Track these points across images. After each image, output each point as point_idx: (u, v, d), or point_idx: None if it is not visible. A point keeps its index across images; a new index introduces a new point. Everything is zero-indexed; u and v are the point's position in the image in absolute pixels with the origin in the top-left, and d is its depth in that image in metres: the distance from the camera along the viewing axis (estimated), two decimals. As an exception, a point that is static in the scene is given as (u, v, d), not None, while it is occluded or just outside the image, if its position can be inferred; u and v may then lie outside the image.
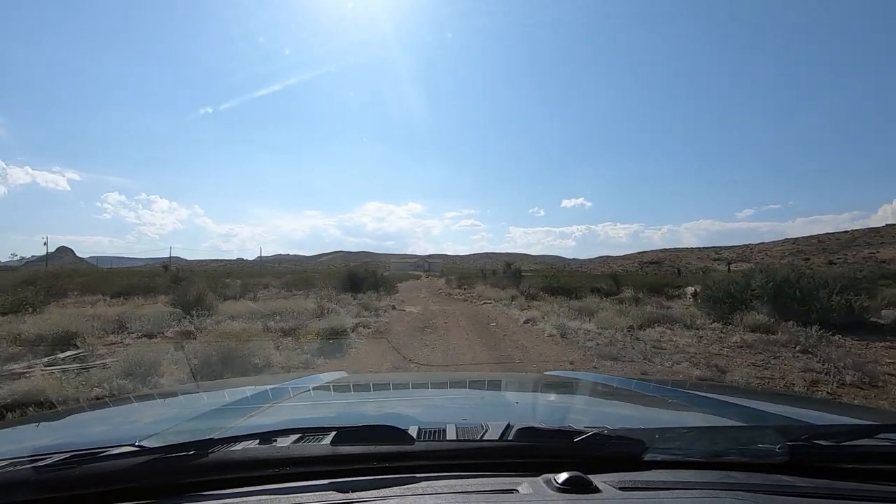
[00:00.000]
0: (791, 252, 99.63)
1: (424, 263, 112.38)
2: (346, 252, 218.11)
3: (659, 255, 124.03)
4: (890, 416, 2.00)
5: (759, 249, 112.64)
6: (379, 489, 0.80)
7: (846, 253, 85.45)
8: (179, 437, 1.05)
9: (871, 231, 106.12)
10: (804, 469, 0.89)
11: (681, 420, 1.45)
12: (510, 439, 0.94)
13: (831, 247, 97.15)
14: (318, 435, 0.97)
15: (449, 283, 32.96)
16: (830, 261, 74.08)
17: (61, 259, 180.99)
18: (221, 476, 0.84)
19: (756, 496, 0.78)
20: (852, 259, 74.99)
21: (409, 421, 1.22)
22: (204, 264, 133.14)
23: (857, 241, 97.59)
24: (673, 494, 0.79)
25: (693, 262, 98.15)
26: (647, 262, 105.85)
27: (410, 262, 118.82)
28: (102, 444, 0.94)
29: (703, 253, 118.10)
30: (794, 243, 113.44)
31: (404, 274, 56.80)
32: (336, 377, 2.20)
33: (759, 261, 79.59)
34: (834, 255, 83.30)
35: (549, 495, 0.77)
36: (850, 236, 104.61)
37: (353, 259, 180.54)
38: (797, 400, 2.64)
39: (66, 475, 0.80)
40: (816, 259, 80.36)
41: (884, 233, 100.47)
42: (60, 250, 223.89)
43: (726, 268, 39.60)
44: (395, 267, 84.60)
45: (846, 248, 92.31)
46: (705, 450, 0.93)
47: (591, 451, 0.90)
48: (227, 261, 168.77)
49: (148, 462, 0.83)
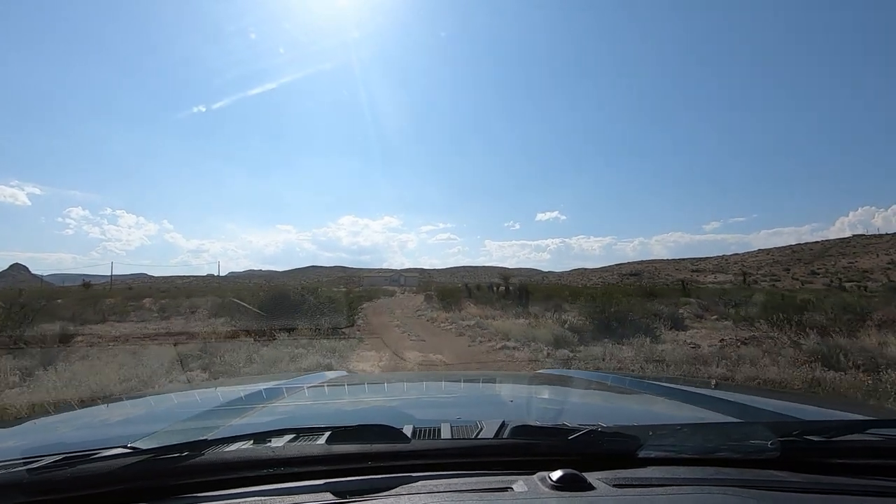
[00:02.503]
0: (767, 263, 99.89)
1: (400, 277, 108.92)
2: (320, 266, 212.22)
3: (636, 266, 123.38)
4: (879, 412, 2.02)
5: (734, 260, 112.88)
6: (374, 488, 0.80)
7: (824, 263, 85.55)
8: (173, 437, 1.03)
9: (840, 241, 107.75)
10: (796, 464, 0.90)
11: (674, 417, 1.45)
12: (505, 437, 0.94)
13: (805, 257, 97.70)
14: (312, 434, 0.96)
15: (429, 301, 26.16)
16: (812, 271, 73.74)
17: (13, 277, 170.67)
18: (215, 477, 0.83)
19: (748, 492, 0.79)
20: (833, 269, 74.85)
21: (403, 420, 1.23)
22: (169, 280, 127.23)
23: (829, 251, 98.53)
24: (666, 491, 0.80)
25: (672, 273, 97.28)
26: (626, 275, 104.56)
27: (385, 277, 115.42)
28: (95, 446, 0.92)
29: (681, 265, 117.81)
30: (769, 254, 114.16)
31: (377, 289, 53.23)
32: (331, 377, 2.20)
33: (736, 272, 78.98)
34: (813, 266, 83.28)
35: (543, 493, 0.78)
36: (821, 247, 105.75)
37: (325, 274, 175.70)
38: (788, 396, 2.87)
39: (58, 477, 0.79)
40: (797, 269, 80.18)
41: (854, 243, 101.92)
42: (14, 267, 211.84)
43: (714, 280, 37.82)
44: (368, 282, 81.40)
45: (820, 258, 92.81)
46: (698, 446, 0.94)
47: (585, 448, 0.90)
48: (196, 277, 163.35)
49: (141, 463, 0.82)
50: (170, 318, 15.18)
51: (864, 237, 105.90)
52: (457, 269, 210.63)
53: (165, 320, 14.87)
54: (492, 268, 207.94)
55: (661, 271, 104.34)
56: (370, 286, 64.63)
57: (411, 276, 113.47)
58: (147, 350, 8.87)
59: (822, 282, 56.29)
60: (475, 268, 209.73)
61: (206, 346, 8.82)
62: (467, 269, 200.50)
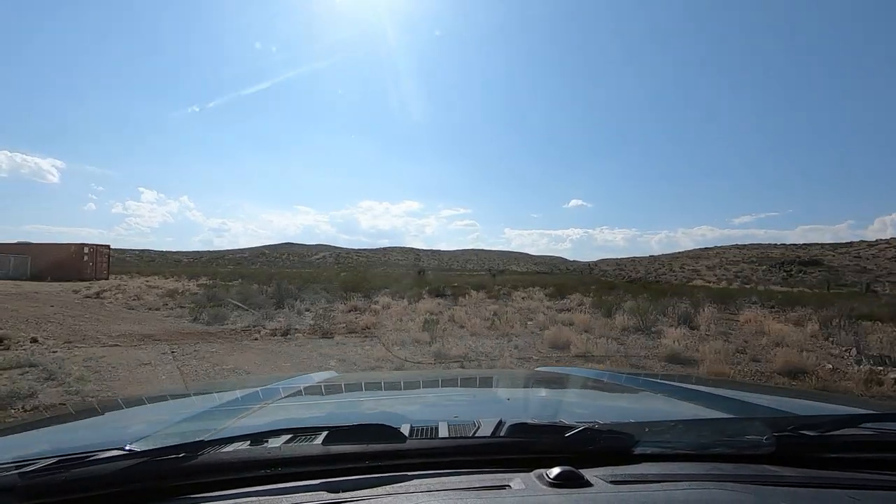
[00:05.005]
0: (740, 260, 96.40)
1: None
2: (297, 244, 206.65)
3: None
4: (873, 406, 2.04)
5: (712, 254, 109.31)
6: (371, 488, 0.80)
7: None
8: (169, 439, 1.01)
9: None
10: (790, 459, 0.91)
11: (670, 413, 1.47)
12: (502, 435, 0.94)
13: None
14: (309, 435, 0.96)
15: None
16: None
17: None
18: (212, 478, 0.83)
19: (744, 487, 0.80)
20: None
21: (401, 419, 1.23)
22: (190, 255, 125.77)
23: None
24: (663, 487, 0.81)
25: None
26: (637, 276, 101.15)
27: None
28: (90, 448, 0.90)
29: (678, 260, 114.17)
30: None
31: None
32: (327, 377, 2.19)
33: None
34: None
35: (541, 490, 0.78)
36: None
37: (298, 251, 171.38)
38: (783, 391, 2.99)
39: (53, 480, 0.79)
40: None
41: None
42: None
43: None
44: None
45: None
46: (694, 442, 0.95)
47: (582, 445, 0.91)
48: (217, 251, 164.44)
49: (137, 465, 0.81)
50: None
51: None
52: (473, 251, 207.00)
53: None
54: (513, 254, 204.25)
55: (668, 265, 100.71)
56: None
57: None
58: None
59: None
60: (492, 252, 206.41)
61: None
62: (485, 254, 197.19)
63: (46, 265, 33.02)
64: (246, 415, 1.35)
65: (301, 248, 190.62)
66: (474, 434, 0.98)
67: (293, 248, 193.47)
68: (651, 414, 1.49)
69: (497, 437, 0.93)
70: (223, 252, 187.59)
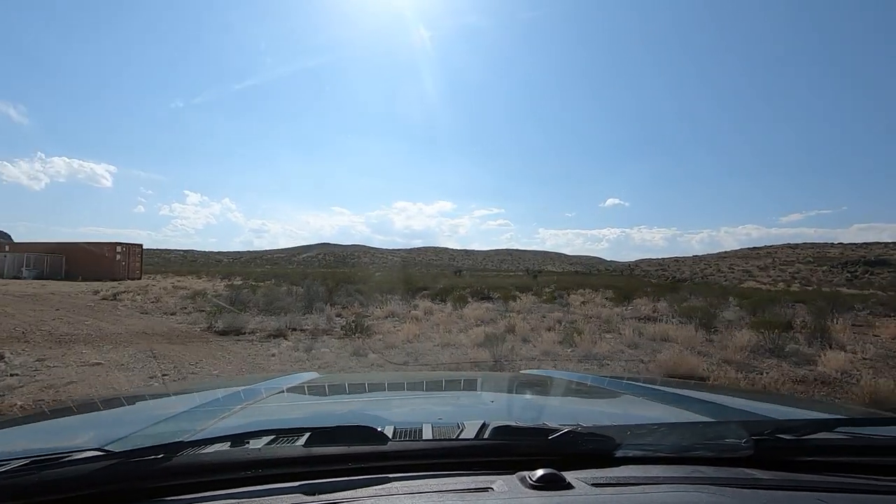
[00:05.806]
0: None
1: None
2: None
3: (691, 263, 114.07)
4: (846, 410, 2.06)
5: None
6: (353, 490, 0.80)
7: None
8: (147, 440, 1.01)
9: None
10: (768, 462, 0.92)
11: (651, 416, 1.46)
12: (485, 438, 0.94)
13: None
14: (291, 436, 0.95)
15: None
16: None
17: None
18: (192, 479, 0.81)
19: (722, 489, 0.81)
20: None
21: (384, 421, 1.22)
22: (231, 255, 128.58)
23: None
24: (643, 489, 0.81)
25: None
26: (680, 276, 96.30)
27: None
28: (65, 450, 0.87)
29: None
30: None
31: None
32: (310, 378, 2.14)
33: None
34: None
35: (523, 492, 0.78)
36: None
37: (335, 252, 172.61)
38: (762, 396, 2.92)
39: (24, 482, 0.76)
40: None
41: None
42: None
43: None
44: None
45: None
46: (674, 445, 0.95)
47: (564, 448, 0.91)
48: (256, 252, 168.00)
49: (112, 466, 0.79)
50: None
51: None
52: (507, 251, 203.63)
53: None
54: (549, 254, 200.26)
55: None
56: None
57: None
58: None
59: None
60: (526, 252, 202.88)
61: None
62: (519, 254, 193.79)
63: (80, 265, 33.12)
64: (227, 415, 1.31)
65: (337, 249, 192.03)
66: (458, 436, 0.97)
67: (329, 248, 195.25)
68: (633, 417, 1.48)
69: (480, 440, 0.93)
70: (262, 252, 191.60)
